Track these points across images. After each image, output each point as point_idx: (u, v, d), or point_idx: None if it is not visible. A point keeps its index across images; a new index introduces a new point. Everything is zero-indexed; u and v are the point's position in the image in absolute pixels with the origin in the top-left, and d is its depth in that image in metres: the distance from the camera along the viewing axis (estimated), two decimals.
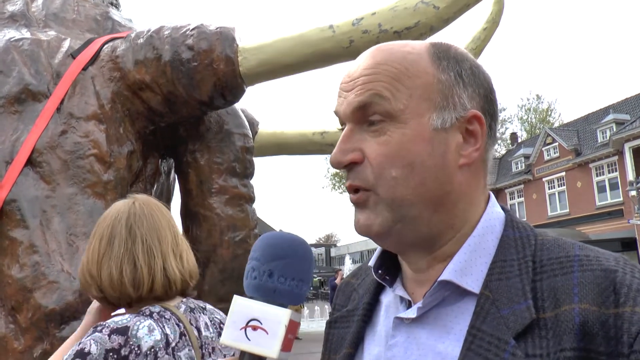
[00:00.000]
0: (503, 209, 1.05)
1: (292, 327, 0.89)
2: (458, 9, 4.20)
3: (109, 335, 1.52)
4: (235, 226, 4.74)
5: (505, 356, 0.83)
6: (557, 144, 34.27)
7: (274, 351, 0.86)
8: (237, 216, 4.78)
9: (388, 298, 1.09)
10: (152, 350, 1.54)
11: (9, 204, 3.80)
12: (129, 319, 1.60)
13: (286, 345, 0.88)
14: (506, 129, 51.09)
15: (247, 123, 5.17)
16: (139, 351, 1.51)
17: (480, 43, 5.63)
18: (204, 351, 1.71)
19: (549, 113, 50.97)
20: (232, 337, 0.88)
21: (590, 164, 32.07)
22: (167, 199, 5.85)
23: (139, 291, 1.72)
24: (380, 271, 1.08)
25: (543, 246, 0.94)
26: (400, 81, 0.95)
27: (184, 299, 1.84)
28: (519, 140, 46.02)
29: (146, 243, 1.75)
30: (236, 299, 0.90)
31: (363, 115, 0.96)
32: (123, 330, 1.54)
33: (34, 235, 3.74)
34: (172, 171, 5.65)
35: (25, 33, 4.48)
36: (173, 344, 1.61)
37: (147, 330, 1.57)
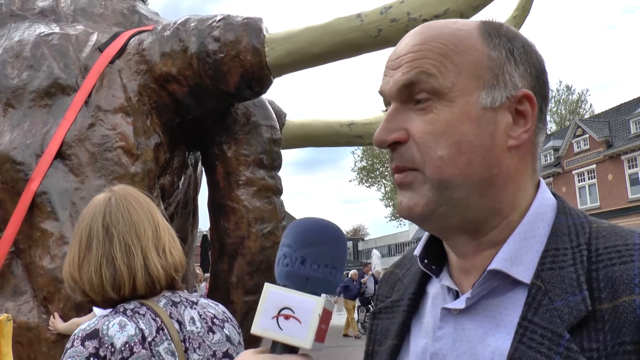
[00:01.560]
0: (554, 195, 0.99)
1: (326, 316, 0.86)
2: None
3: (83, 344, 1.50)
4: (263, 218, 4.73)
5: (560, 350, 0.78)
6: (587, 135, 33.64)
7: (308, 341, 0.81)
8: (265, 208, 4.77)
9: (434, 288, 1.04)
10: (127, 345, 1.51)
11: (40, 196, 3.85)
12: (96, 321, 1.56)
13: (320, 336, 0.83)
14: None
15: (274, 115, 5.16)
16: (112, 349, 1.49)
17: None
18: (187, 345, 1.63)
19: (579, 104, 50.09)
20: (263, 326, 0.83)
21: (622, 156, 31.42)
22: (194, 191, 5.88)
23: (120, 292, 1.65)
24: (426, 261, 1.04)
25: (599, 234, 0.89)
26: (448, 58, 0.90)
27: (169, 293, 1.74)
28: (548, 132, 45.39)
29: (124, 241, 1.67)
30: (267, 287, 0.85)
31: (409, 93, 0.92)
32: (93, 334, 1.51)
33: (64, 226, 3.78)
34: (200, 163, 5.66)
35: (55, 28, 4.53)
36: (149, 339, 1.56)
37: (118, 328, 1.53)
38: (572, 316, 0.80)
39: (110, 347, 1.49)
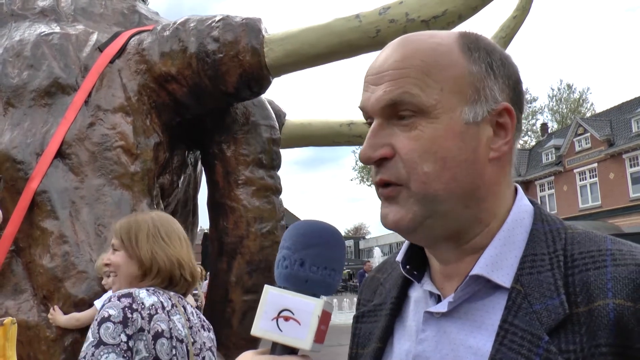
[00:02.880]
0: (531, 201, 1.02)
1: (325, 317, 0.87)
2: None
3: (119, 299, 1.91)
4: (262, 218, 4.75)
5: (540, 352, 0.81)
6: (588, 134, 33.56)
7: (307, 342, 0.83)
8: (264, 207, 4.79)
9: (417, 293, 1.07)
10: (153, 306, 1.94)
11: (40, 195, 3.87)
12: (128, 289, 1.99)
13: (319, 337, 0.85)
14: (536, 119, 50.30)
15: (273, 114, 5.17)
16: (143, 305, 1.92)
17: (510, 31, 5.53)
18: (191, 324, 2.09)
19: (581, 103, 49.96)
20: (263, 327, 0.85)
21: (623, 155, 31.34)
22: (194, 190, 5.90)
23: (180, 271, 2.16)
24: (408, 266, 1.06)
25: (574, 240, 0.92)
26: (430, 75, 0.92)
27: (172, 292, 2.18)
28: (550, 131, 45.24)
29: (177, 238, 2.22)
30: (267, 289, 0.86)
31: (393, 111, 0.93)
32: (128, 294, 1.93)
33: (64, 225, 3.80)
34: (199, 163, 5.68)
35: (55, 27, 4.55)
36: (168, 308, 2.00)
37: (146, 294, 1.97)
38: (550, 319, 0.83)
39: (142, 304, 1.92)
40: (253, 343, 4.14)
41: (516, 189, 1.02)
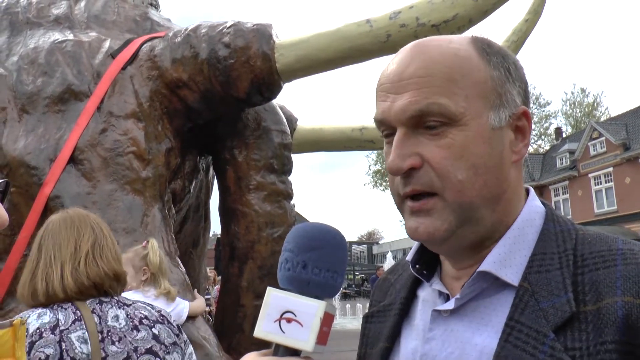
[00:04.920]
0: (543, 203, 1.03)
1: (328, 319, 0.87)
2: (497, 0, 4.11)
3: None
4: (274, 222, 4.76)
5: (545, 349, 0.81)
6: (604, 138, 33.27)
7: (309, 344, 0.83)
8: (275, 212, 4.80)
9: (425, 292, 1.07)
10: (38, 330, 1.76)
11: (53, 200, 3.91)
12: (26, 312, 1.86)
13: (321, 338, 0.85)
14: (550, 124, 49.95)
15: (285, 120, 5.19)
16: (26, 332, 1.73)
17: (522, 35, 5.51)
18: (104, 336, 1.86)
19: (595, 107, 49.54)
20: (266, 329, 0.85)
21: (639, 159, 31.07)
22: (206, 196, 5.92)
23: (47, 295, 1.91)
24: (417, 266, 1.07)
25: (585, 240, 0.92)
26: (454, 82, 0.91)
27: (102, 297, 1.99)
28: (564, 135, 44.88)
29: (48, 256, 1.98)
30: (270, 291, 0.87)
31: (420, 120, 0.93)
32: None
33: None
34: (211, 168, 5.71)
35: (69, 35, 4.60)
36: (63, 327, 1.81)
37: (36, 316, 1.81)
38: (557, 317, 0.83)
39: (25, 332, 1.67)
40: (265, 347, 4.12)
41: (528, 190, 1.03)
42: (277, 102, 5.17)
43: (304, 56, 4.23)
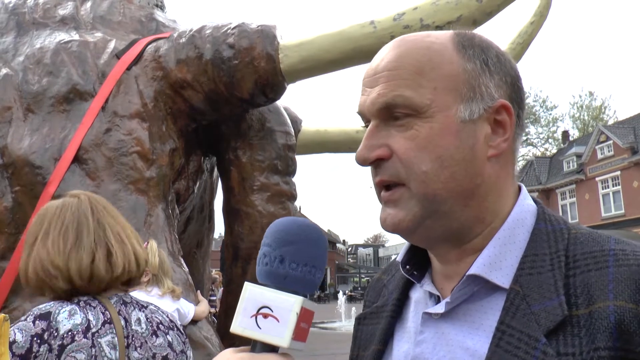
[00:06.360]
0: (535, 201, 1.00)
1: (306, 315, 0.86)
2: (502, 1, 4.10)
3: (34, 322, 1.62)
4: None
5: (536, 354, 0.79)
6: (611, 142, 33.08)
7: (285, 340, 0.82)
8: (279, 213, 4.79)
9: (417, 294, 1.05)
10: (70, 333, 1.62)
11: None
12: (52, 304, 1.69)
13: (299, 335, 0.84)
14: (557, 127, 49.74)
15: (289, 121, 5.19)
16: (56, 334, 1.61)
17: (527, 37, 5.49)
18: (129, 341, 1.76)
19: (603, 110, 49.30)
20: (242, 325, 0.84)
21: None
22: (210, 196, 5.93)
23: (112, 274, 1.79)
24: (408, 266, 1.05)
25: (577, 240, 0.89)
26: (423, 75, 0.91)
27: (121, 294, 1.87)
28: (571, 139, 44.65)
29: (115, 231, 1.85)
30: (247, 286, 0.86)
31: (388, 112, 0.94)
32: (46, 316, 1.64)
33: None
34: (215, 169, 5.72)
35: (74, 35, 4.63)
36: (94, 330, 1.68)
37: (67, 315, 1.66)
38: (548, 320, 0.81)
39: (54, 332, 1.61)
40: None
41: (520, 189, 1.00)
42: (282, 103, 5.17)
43: (308, 57, 4.23)
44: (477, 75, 0.93)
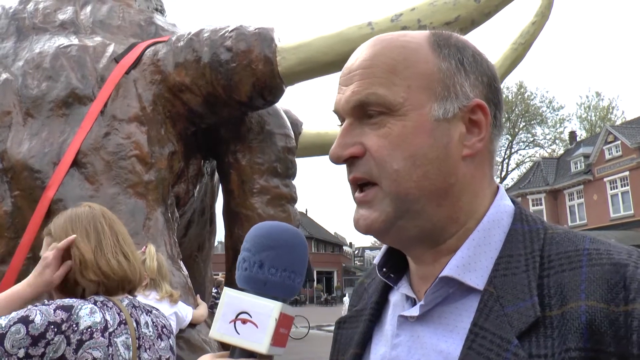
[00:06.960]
0: (513, 201, 0.99)
1: (286, 321, 0.85)
2: (500, 1, 4.08)
3: (55, 310, 1.65)
4: None
5: (508, 356, 0.78)
6: (619, 142, 32.87)
7: (264, 346, 0.81)
8: (279, 216, 4.79)
9: (395, 297, 1.04)
10: (89, 329, 1.66)
11: (56, 203, 3.93)
12: (74, 300, 1.74)
13: (278, 340, 0.83)
14: (564, 127, 49.50)
15: (289, 123, 5.18)
16: (76, 328, 1.64)
17: (529, 37, 5.46)
18: (140, 342, 1.82)
19: (610, 111, 49.04)
20: (221, 330, 0.83)
21: None
22: (211, 200, 5.93)
23: (136, 277, 1.92)
24: (384, 269, 1.04)
25: (552, 240, 0.88)
26: (397, 73, 0.91)
27: (129, 296, 1.95)
28: (578, 139, 44.41)
29: (127, 239, 1.97)
30: (226, 291, 0.85)
31: (362, 111, 0.92)
32: (68, 308, 1.68)
33: None
34: (216, 172, 5.72)
35: (74, 39, 4.64)
36: (111, 329, 1.73)
37: (88, 312, 1.70)
38: (521, 322, 0.80)
39: (74, 325, 1.65)
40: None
41: (497, 189, 0.99)
42: (282, 106, 5.17)
43: (306, 59, 4.23)
44: (452, 75, 0.92)
